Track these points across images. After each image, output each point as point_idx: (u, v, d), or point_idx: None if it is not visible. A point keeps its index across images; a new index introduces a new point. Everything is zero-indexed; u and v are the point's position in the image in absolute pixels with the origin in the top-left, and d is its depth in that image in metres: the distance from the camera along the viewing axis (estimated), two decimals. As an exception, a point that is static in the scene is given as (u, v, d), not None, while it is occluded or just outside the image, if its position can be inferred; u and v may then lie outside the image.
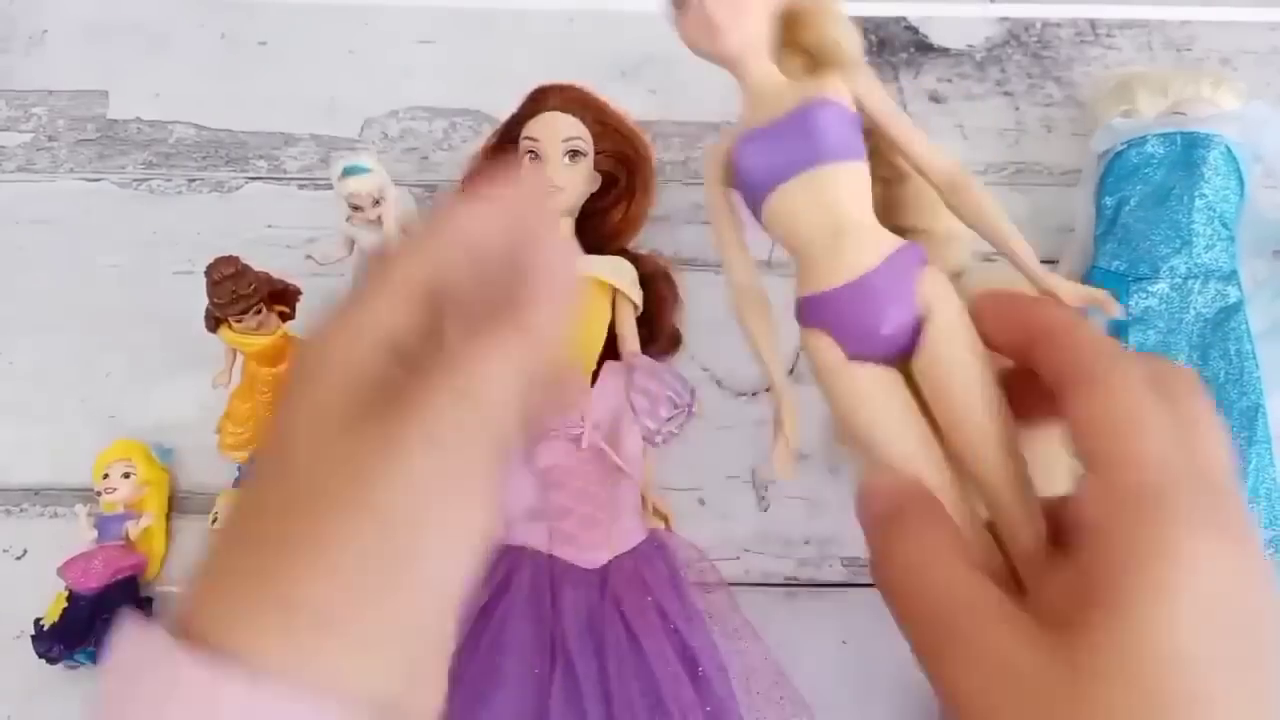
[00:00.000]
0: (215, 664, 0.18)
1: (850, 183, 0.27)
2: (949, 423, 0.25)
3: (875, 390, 0.26)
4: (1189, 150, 0.51)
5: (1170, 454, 0.21)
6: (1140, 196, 0.52)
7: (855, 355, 0.26)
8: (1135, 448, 0.21)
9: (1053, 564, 0.22)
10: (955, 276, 0.28)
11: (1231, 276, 0.50)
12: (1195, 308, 0.50)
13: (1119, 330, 0.51)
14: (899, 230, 0.28)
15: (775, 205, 0.28)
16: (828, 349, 0.26)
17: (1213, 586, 0.19)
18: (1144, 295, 0.50)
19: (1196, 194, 0.51)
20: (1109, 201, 0.52)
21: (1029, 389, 0.25)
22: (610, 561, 0.46)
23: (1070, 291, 0.27)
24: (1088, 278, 0.53)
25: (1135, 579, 0.19)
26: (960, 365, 0.25)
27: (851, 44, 0.32)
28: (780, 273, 0.59)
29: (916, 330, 0.26)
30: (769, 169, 0.27)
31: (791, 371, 0.56)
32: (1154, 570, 0.19)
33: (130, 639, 0.19)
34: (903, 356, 0.26)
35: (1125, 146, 0.53)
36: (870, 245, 0.26)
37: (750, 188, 0.28)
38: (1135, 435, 0.21)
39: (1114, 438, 0.21)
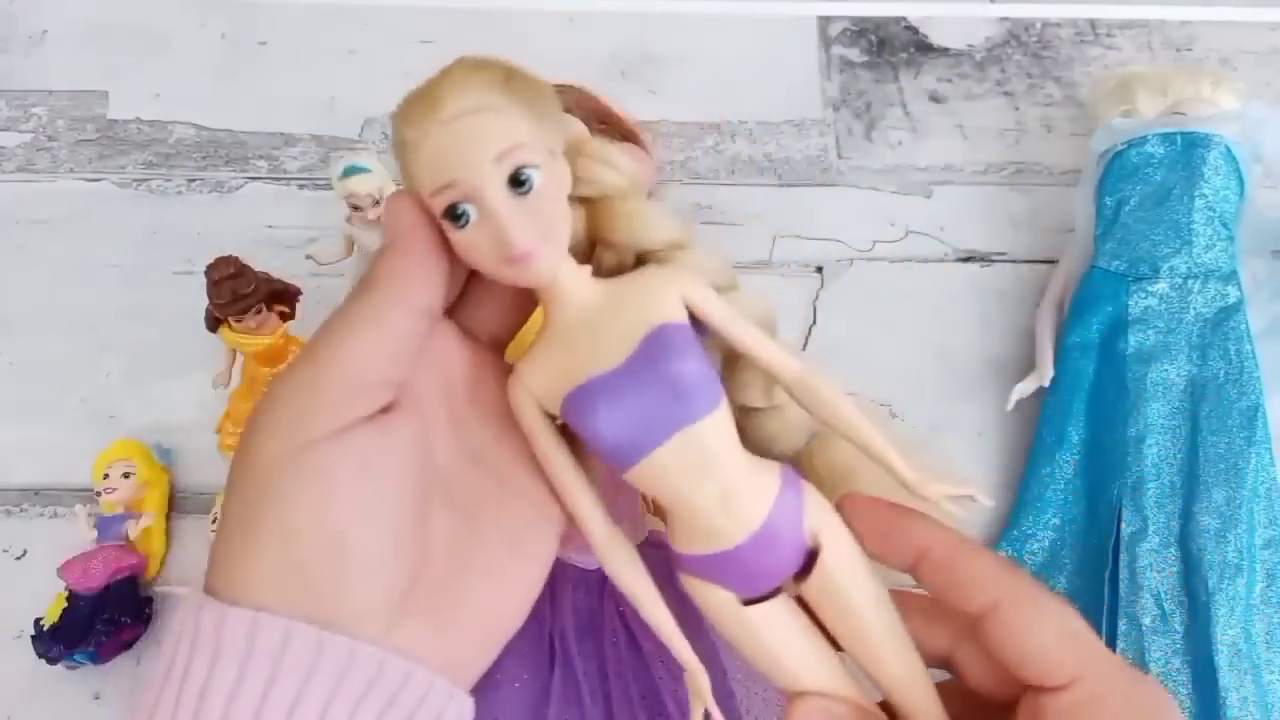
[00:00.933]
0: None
1: (725, 433, 0.24)
2: (847, 636, 0.25)
3: (775, 625, 0.25)
4: (1189, 150, 0.51)
5: (1101, 656, 0.23)
6: (1140, 196, 0.52)
7: (749, 599, 0.25)
8: (1073, 662, 0.23)
9: None
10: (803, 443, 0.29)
11: (1231, 276, 0.50)
12: (1195, 308, 0.50)
13: (1119, 330, 0.51)
14: (741, 410, 0.27)
15: (645, 473, 0.24)
16: (722, 601, 0.25)
17: None
18: (1144, 295, 0.50)
19: (1196, 194, 0.51)
20: (1109, 201, 0.53)
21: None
22: None
23: (934, 490, 0.25)
24: (1088, 278, 0.53)
25: None
26: (855, 587, 0.25)
27: (666, 231, 0.26)
28: (781, 273, 0.59)
29: (806, 555, 0.25)
30: (632, 438, 0.24)
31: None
32: None
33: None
34: (791, 579, 0.25)
35: (1125, 146, 0.53)
36: (756, 493, 0.25)
37: (608, 455, 0.24)
38: (1073, 650, 0.23)
39: (1047, 657, 0.23)
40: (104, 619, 0.46)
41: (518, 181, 0.24)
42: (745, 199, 0.62)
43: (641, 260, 0.27)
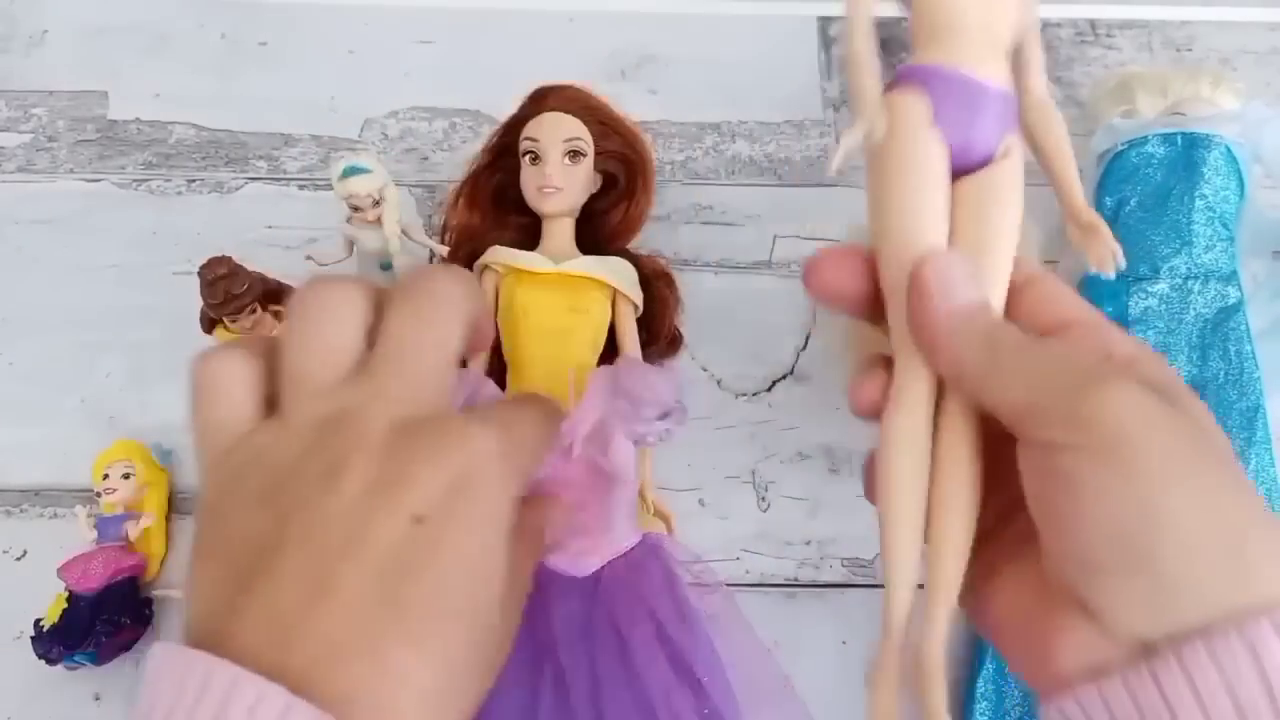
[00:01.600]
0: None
1: (1019, 10, 0.28)
2: (971, 227, 0.27)
3: (932, 160, 0.27)
4: (1189, 150, 0.51)
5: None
6: (1140, 197, 0.52)
7: (938, 126, 0.27)
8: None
9: None
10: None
11: (1231, 277, 0.50)
12: (1195, 308, 0.50)
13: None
14: None
15: None
16: (917, 105, 0.27)
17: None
18: (1144, 295, 0.50)
19: (1196, 194, 0.51)
20: (1109, 202, 0.52)
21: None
22: (603, 568, 0.46)
23: (1090, 221, 0.29)
24: (1087, 278, 0.53)
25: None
26: (1003, 198, 0.27)
27: None
28: (781, 273, 0.59)
29: (984, 162, 0.27)
30: None
31: (792, 372, 0.56)
32: None
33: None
34: (956, 174, 0.28)
35: (1125, 146, 0.53)
36: (1002, 70, 0.28)
37: None
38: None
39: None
40: (104, 620, 0.46)
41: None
42: (745, 199, 0.62)
43: None
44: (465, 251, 0.53)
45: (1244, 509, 0.21)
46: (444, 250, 0.53)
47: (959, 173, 0.27)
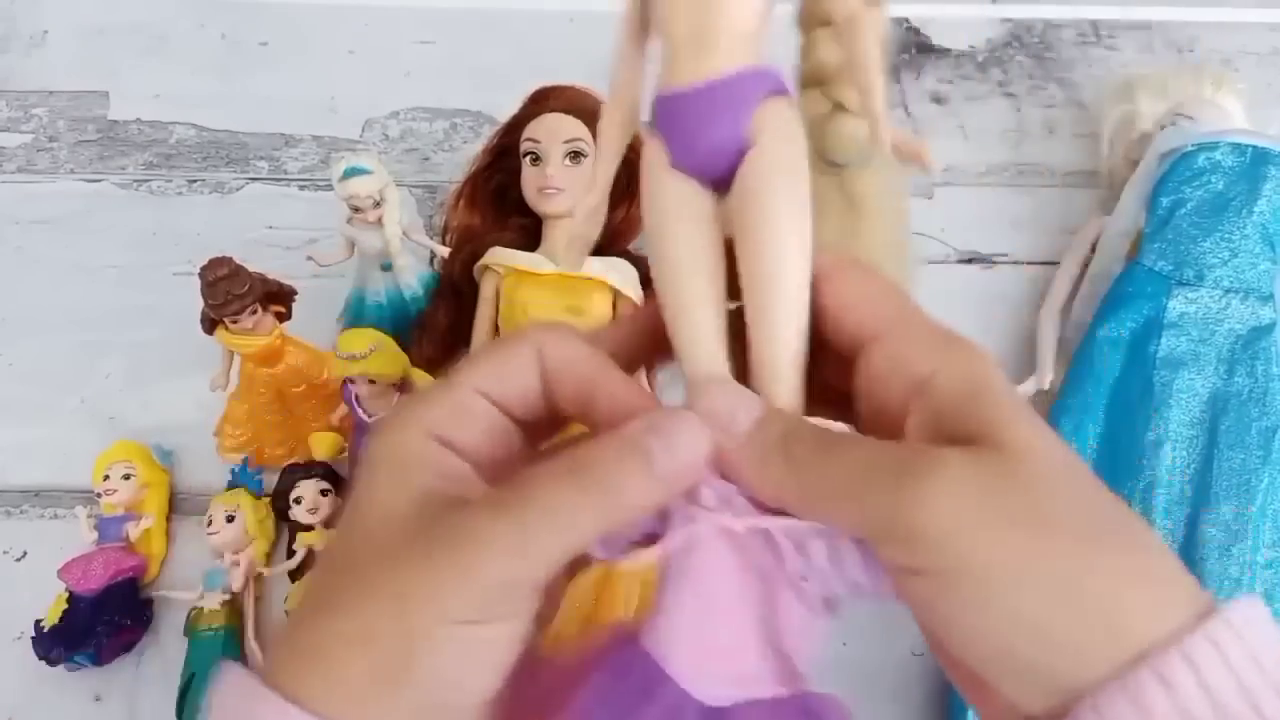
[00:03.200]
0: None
1: (746, 6, 0.24)
2: (742, 267, 0.24)
3: (682, 202, 0.24)
4: (1256, 165, 0.51)
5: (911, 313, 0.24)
6: (1198, 202, 0.51)
7: (677, 165, 0.24)
8: (881, 317, 0.24)
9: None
10: None
11: (1269, 298, 0.50)
12: (1229, 322, 0.50)
13: (1152, 331, 0.50)
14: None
15: None
16: (654, 152, 0.25)
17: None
18: (1184, 301, 0.50)
19: (1255, 209, 0.50)
20: (1165, 201, 0.52)
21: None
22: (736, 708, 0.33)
23: (893, 139, 0.26)
24: (1129, 273, 0.52)
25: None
26: (763, 190, 0.23)
27: None
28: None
29: (739, 159, 0.24)
30: None
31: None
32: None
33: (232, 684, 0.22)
34: (721, 191, 0.24)
35: (1194, 149, 0.52)
36: (728, 56, 0.24)
37: None
38: (884, 306, 0.24)
39: (861, 313, 0.24)
40: (104, 620, 0.46)
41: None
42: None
43: None
44: (466, 252, 0.53)
45: (1107, 566, 0.20)
46: (444, 251, 0.52)
47: (728, 184, 0.24)
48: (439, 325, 0.52)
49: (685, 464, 0.22)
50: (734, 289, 0.24)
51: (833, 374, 0.24)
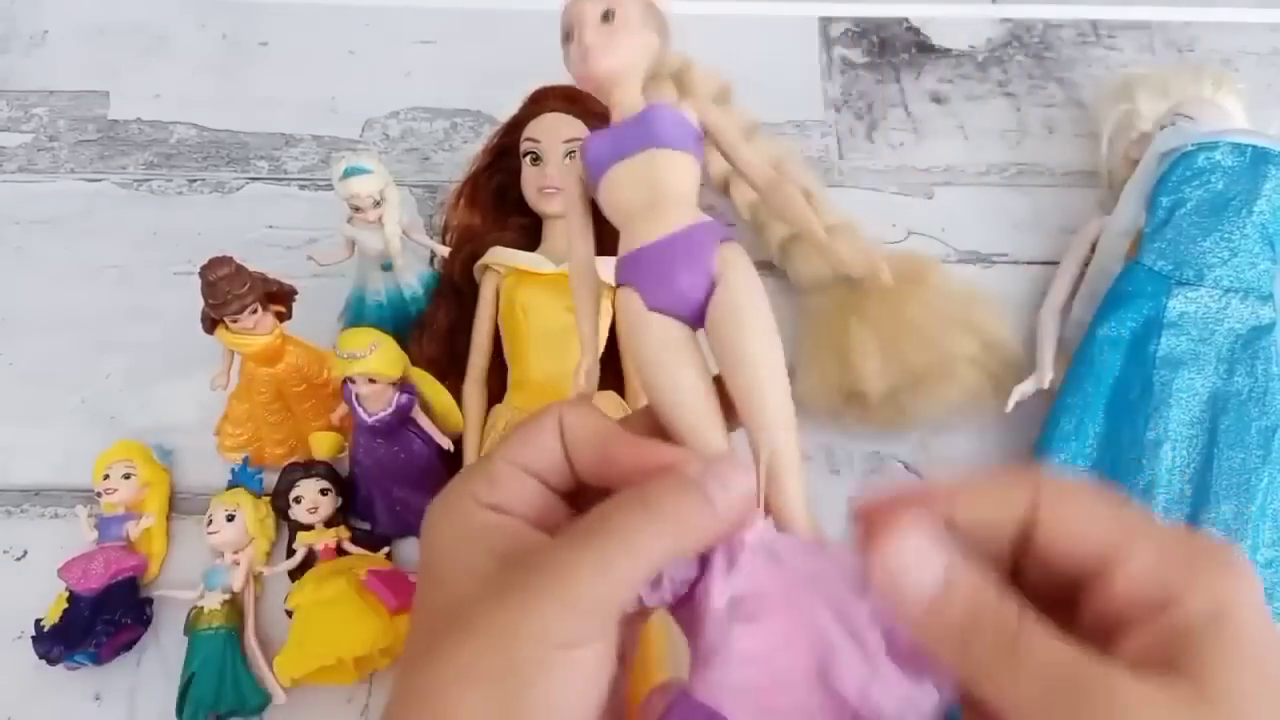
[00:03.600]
0: None
1: (675, 166, 0.30)
2: (730, 380, 0.27)
3: (668, 337, 0.27)
4: (1257, 165, 0.51)
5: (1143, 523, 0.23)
6: (1197, 201, 0.51)
7: (654, 308, 0.28)
8: (1120, 534, 0.22)
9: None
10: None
11: (1269, 298, 0.50)
12: (1229, 322, 0.50)
13: (1152, 330, 0.50)
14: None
15: (610, 179, 0.30)
16: (631, 299, 0.28)
17: (1258, 618, 0.21)
18: (1184, 300, 0.50)
19: (1255, 210, 0.50)
20: (1164, 201, 0.52)
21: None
22: None
23: (842, 250, 0.32)
24: (1129, 272, 0.52)
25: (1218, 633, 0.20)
26: (744, 312, 0.27)
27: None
28: (782, 274, 0.59)
29: (708, 295, 0.27)
30: (609, 151, 0.30)
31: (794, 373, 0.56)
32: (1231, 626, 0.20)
33: None
34: (698, 324, 0.28)
35: (1194, 149, 0.52)
36: (679, 215, 0.29)
37: (593, 168, 0.31)
38: (1118, 524, 0.22)
39: (1091, 538, 0.22)
40: (104, 620, 0.46)
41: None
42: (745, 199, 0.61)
43: None
44: (466, 252, 0.53)
45: None
46: (445, 250, 0.53)
47: (700, 315, 0.27)
48: (439, 325, 0.52)
49: (738, 501, 0.24)
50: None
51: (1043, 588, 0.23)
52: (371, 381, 0.45)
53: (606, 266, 0.50)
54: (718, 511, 0.23)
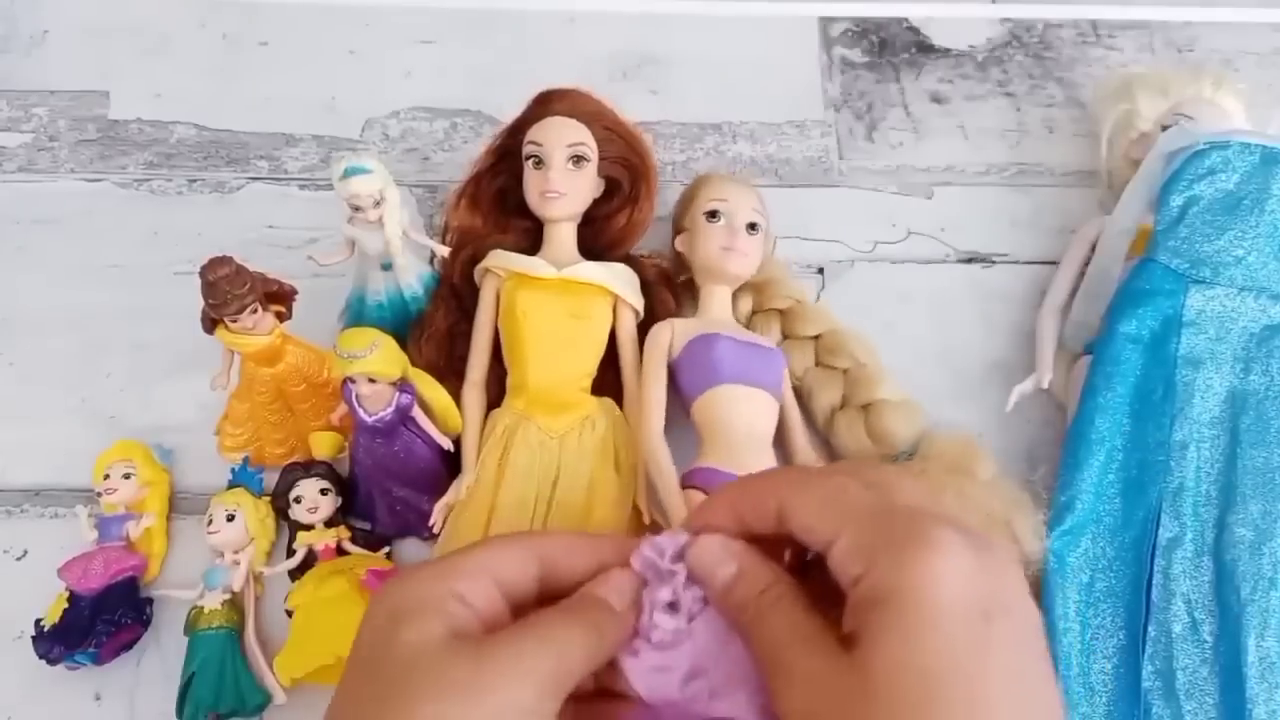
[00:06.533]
0: None
1: (773, 414, 0.46)
2: None
3: None
4: (1266, 165, 0.51)
5: (859, 507, 0.27)
6: (1209, 200, 0.51)
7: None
8: (832, 520, 0.27)
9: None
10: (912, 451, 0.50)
11: (1279, 297, 0.50)
12: (1243, 320, 0.50)
13: (1171, 329, 0.50)
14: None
15: (722, 395, 0.45)
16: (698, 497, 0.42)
17: (949, 591, 0.24)
18: (1202, 299, 0.50)
19: (1265, 209, 0.50)
20: (1176, 200, 0.51)
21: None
22: None
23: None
24: (1144, 270, 0.52)
25: (885, 601, 0.24)
26: None
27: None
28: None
29: None
30: (732, 364, 0.43)
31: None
32: (899, 592, 0.24)
33: None
34: None
35: (1206, 147, 0.52)
36: (763, 456, 0.43)
37: (717, 365, 0.46)
38: (832, 510, 0.27)
39: (811, 525, 0.27)
40: (104, 619, 0.46)
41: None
42: (746, 200, 0.61)
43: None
44: (466, 254, 0.53)
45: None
46: (445, 251, 0.52)
47: None
48: (438, 328, 0.52)
49: (629, 597, 0.29)
50: None
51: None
52: (372, 381, 0.45)
53: (601, 271, 0.50)
54: (620, 615, 0.29)
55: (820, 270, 0.59)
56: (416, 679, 0.25)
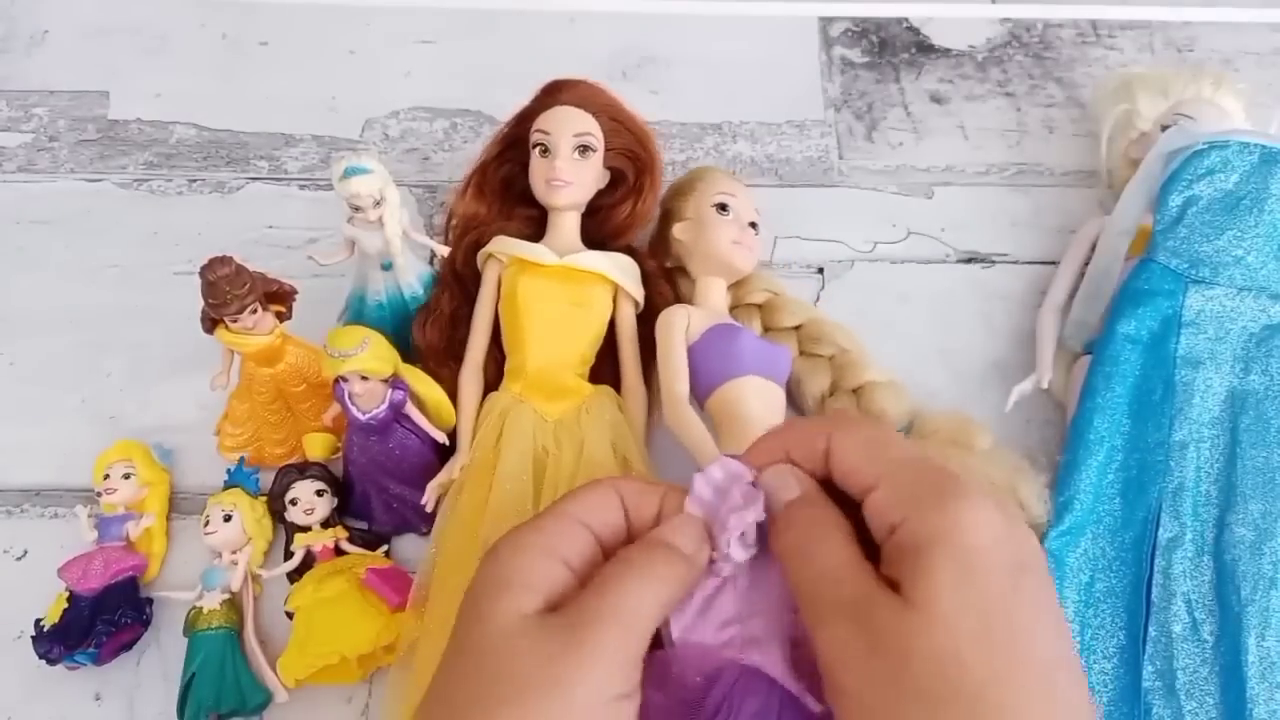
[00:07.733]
0: None
1: (783, 405, 0.48)
2: None
3: None
4: (1265, 165, 0.51)
5: (899, 458, 0.30)
6: (1209, 200, 0.51)
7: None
8: (872, 467, 0.30)
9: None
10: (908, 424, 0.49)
11: (1279, 297, 0.50)
12: (1243, 320, 0.50)
13: (1170, 329, 0.50)
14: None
15: (744, 385, 0.46)
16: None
17: (988, 541, 0.26)
18: (1202, 299, 0.50)
19: (1264, 209, 0.50)
20: (1176, 199, 0.51)
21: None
22: None
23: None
24: (1143, 270, 0.52)
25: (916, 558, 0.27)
26: None
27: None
28: (782, 273, 0.59)
29: None
30: (753, 357, 0.45)
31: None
32: (929, 549, 0.26)
33: None
34: None
35: (1206, 147, 0.52)
36: None
37: (739, 356, 0.46)
38: (872, 457, 0.30)
39: (854, 469, 0.30)
40: (104, 619, 0.46)
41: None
42: (746, 200, 0.61)
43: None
44: (470, 239, 0.53)
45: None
46: (445, 250, 0.52)
47: None
48: (443, 312, 0.52)
49: (699, 541, 0.31)
50: None
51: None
52: (364, 379, 0.45)
53: (602, 260, 0.50)
54: (690, 556, 0.30)
55: (820, 270, 0.59)
56: (505, 675, 0.27)
